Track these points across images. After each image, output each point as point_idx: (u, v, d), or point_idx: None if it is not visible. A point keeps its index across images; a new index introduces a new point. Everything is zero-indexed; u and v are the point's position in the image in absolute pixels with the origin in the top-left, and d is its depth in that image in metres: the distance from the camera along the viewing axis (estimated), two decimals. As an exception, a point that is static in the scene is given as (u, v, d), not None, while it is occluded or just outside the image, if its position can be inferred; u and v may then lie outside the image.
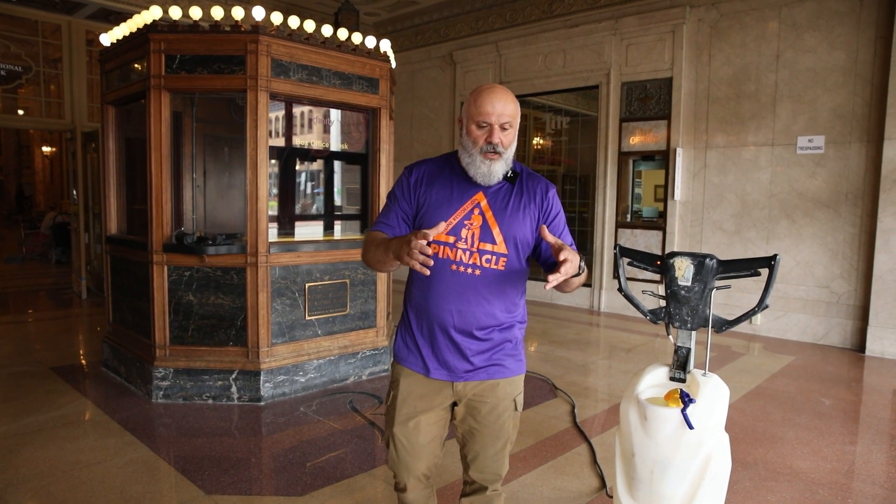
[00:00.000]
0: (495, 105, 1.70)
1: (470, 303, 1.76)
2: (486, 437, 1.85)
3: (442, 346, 1.79)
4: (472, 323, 1.77)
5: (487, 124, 1.71)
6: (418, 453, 1.85)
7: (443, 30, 9.52)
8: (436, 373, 1.81)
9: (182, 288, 4.13)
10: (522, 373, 1.91)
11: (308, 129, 6.99)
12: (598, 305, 7.80)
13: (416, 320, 1.85)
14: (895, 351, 5.63)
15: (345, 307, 4.58)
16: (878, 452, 3.57)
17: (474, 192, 1.78)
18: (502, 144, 1.72)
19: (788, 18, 6.23)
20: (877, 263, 5.70)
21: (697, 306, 1.86)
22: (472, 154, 1.74)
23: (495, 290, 1.77)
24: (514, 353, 1.86)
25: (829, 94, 6.03)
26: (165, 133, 4.03)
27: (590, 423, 3.95)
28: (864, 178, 5.87)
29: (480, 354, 1.80)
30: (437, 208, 1.77)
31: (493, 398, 1.83)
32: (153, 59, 3.93)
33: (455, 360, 1.79)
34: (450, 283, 1.75)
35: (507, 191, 1.80)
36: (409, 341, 1.86)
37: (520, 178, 1.82)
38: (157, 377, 4.11)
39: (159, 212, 4.07)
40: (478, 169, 1.74)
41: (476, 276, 1.75)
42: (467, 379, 1.81)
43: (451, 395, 1.84)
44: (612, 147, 7.56)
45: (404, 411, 1.84)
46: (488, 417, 1.83)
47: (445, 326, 1.78)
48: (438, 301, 1.77)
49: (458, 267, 1.75)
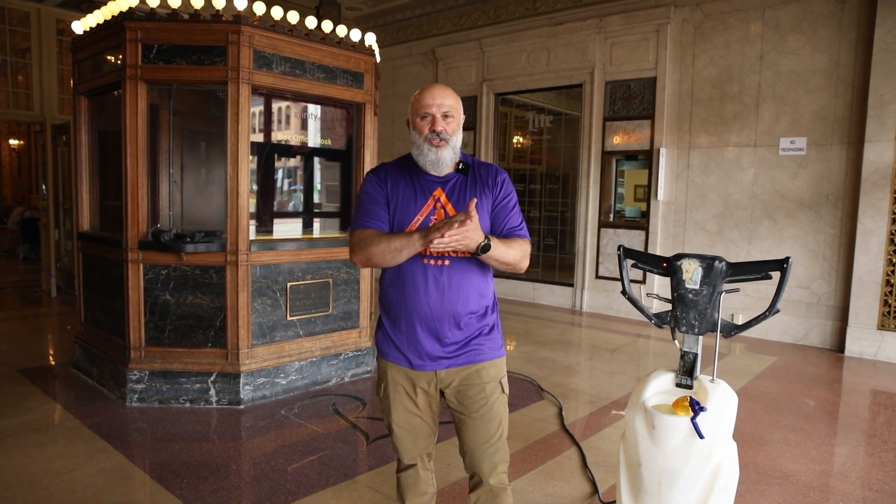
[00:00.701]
0: (434, 97, 1.84)
1: (443, 292, 1.84)
2: (479, 422, 1.93)
3: (421, 337, 1.87)
4: (448, 310, 1.85)
5: (429, 114, 1.83)
6: (418, 434, 1.98)
7: (425, 26, 9.42)
8: (418, 364, 1.90)
9: (158, 287, 3.97)
10: (503, 356, 1.99)
11: (289, 123, 6.83)
12: (580, 305, 7.77)
13: (394, 315, 1.92)
14: (873, 351, 5.69)
15: (327, 307, 4.47)
16: (863, 454, 3.57)
17: (434, 188, 1.89)
18: (446, 131, 1.83)
19: (772, 20, 6.26)
20: (856, 265, 5.75)
21: (705, 310, 1.80)
22: (419, 145, 1.85)
23: (465, 278, 1.87)
24: (491, 337, 1.95)
25: (812, 97, 6.07)
26: (142, 126, 3.87)
27: (577, 425, 3.90)
28: (844, 179, 5.92)
29: (458, 341, 1.88)
30: (405, 207, 1.87)
31: (478, 381, 1.91)
32: (129, 48, 3.77)
33: (434, 349, 1.88)
34: (423, 276, 1.84)
35: (462, 182, 1.90)
36: (389, 336, 1.95)
37: (472, 168, 1.93)
38: (131, 380, 3.95)
39: (135, 208, 3.91)
40: (426, 157, 1.84)
41: (446, 266, 1.84)
42: (449, 366, 1.89)
43: (437, 381, 1.92)
44: (595, 146, 7.53)
45: (397, 399, 1.95)
46: (478, 400, 1.91)
47: (422, 317, 1.86)
48: (414, 294, 1.85)
49: (429, 260, 1.84)
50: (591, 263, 7.67)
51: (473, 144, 8.75)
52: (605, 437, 3.70)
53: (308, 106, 5.41)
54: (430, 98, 1.83)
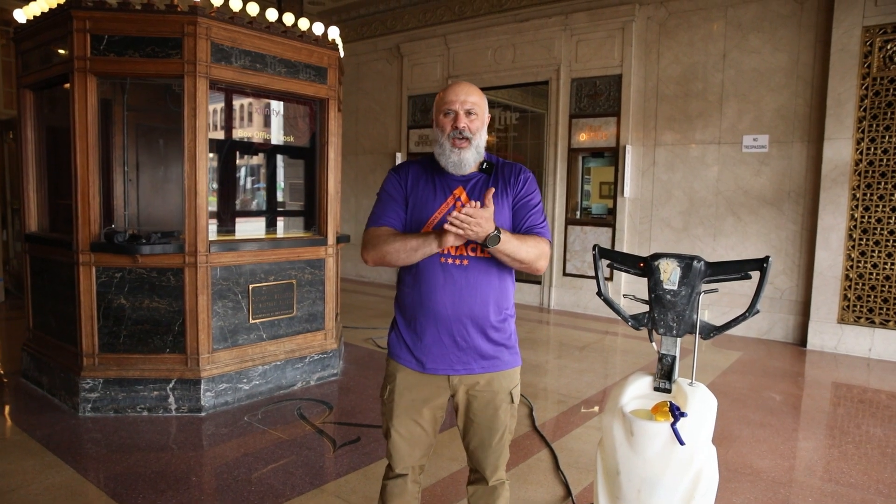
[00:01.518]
0: (458, 93, 1.80)
1: (462, 293, 1.79)
2: (484, 430, 1.90)
3: (436, 339, 1.82)
4: (465, 313, 1.80)
5: (452, 111, 1.80)
6: (417, 443, 1.91)
7: (389, 21, 9.29)
8: (431, 367, 1.84)
9: (112, 291, 3.78)
10: (518, 365, 1.95)
11: (250, 120, 6.64)
12: (547, 303, 7.77)
13: (410, 316, 1.87)
14: (833, 344, 5.81)
15: (291, 309, 4.33)
16: (830, 448, 3.62)
17: (454, 186, 1.84)
18: (469, 129, 1.78)
19: (734, 19, 6.33)
20: (817, 260, 5.86)
21: (684, 311, 1.76)
22: (442, 144, 1.81)
23: (484, 280, 1.81)
24: (509, 345, 1.90)
25: (773, 95, 6.16)
26: (92, 121, 3.68)
27: (548, 426, 3.85)
28: (805, 176, 6.03)
29: (475, 347, 1.83)
30: (423, 205, 1.84)
31: (488, 392, 1.87)
32: (76, 38, 3.56)
33: (449, 353, 1.82)
34: (440, 276, 1.79)
35: (484, 182, 1.85)
36: (402, 337, 1.89)
37: (496, 168, 1.88)
38: (84, 388, 3.75)
39: (85, 208, 3.71)
40: (448, 158, 1.80)
41: (465, 266, 1.79)
42: (463, 372, 1.84)
43: (448, 388, 1.87)
44: (561, 143, 7.53)
45: (402, 405, 1.88)
46: (485, 411, 1.88)
47: (439, 319, 1.80)
48: (431, 294, 1.80)
49: (447, 259, 1.79)
50: (558, 261, 7.67)
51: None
52: (577, 437, 3.67)
53: (271, 102, 5.25)
54: (454, 94, 1.80)
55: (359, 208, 9.80)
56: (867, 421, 4.11)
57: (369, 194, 9.62)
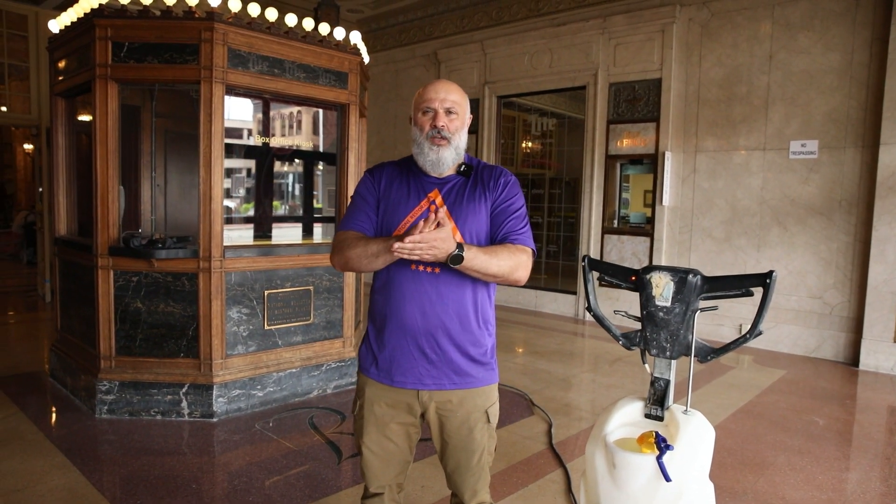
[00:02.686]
0: (438, 91, 1.71)
1: (433, 303, 1.69)
2: (460, 452, 1.79)
3: (405, 351, 1.72)
4: (437, 325, 1.69)
5: (431, 109, 1.70)
6: (390, 461, 1.81)
7: (427, 28, 9.25)
8: (399, 381, 1.74)
9: (129, 294, 3.81)
10: (494, 382, 1.83)
11: (282, 127, 6.70)
12: (583, 314, 7.52)
13: (379, 326, 1.78)
14: (890, 365, 5.39)
15: (308, 316, 4.28)
16: (875, 481, 3.30)
17: (430, 189, 1.75)
18: (448, 129, 1.69)
19: (782, 18, 6.00)
20: (871, 274, 5.46)
21: (678, 331, 1.58)
22: (419, 143, 1.72)
23: (459, 289, 1.70)
24: (483, 361, 1.78)
25: (824, 97, 5.79)
26: (112, 126, 3.72)
27: (568, 444, 3.66)
28: (858, 184, 5.63)
29: (448, 361, 1.72)
30: (395, 208, 1.75)
31: (462, 411, 1.76)
32: (99, 46, 3.62)
33: (418, 365, 1.72)
34: (411, 285, 1.69)
35: (461, 185, 1.76)
36: (371, 349, 1.80)
37: (475, 171, 1.78)
38: (101, 390, 3.79)
39: (105, 212, 3.76)
40: (426, 157, 1.71)
41: (437, 274, 1.68)
42: (433, 388, 1.73)
43: (418, 404, 1.76)
44: (598, 150, 7.29)
45: (372, 420, 1.79)
46: (459, 432, 1.77)
47: (408, 331, 1.71)
48: (401, 304, 1.70)
49: (419, 266, 1.68)
50: (594, 271, 7.40)
51: (476, 148, 8.55)
52: (595, 457, 3.46)
53: (297, 108, 5.26)
54: (434, 92, 1.71)
55: (395, 215, 9.76)
56: (921, 451, 3.75)
57: (405, 201, 9.57)
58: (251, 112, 6.04)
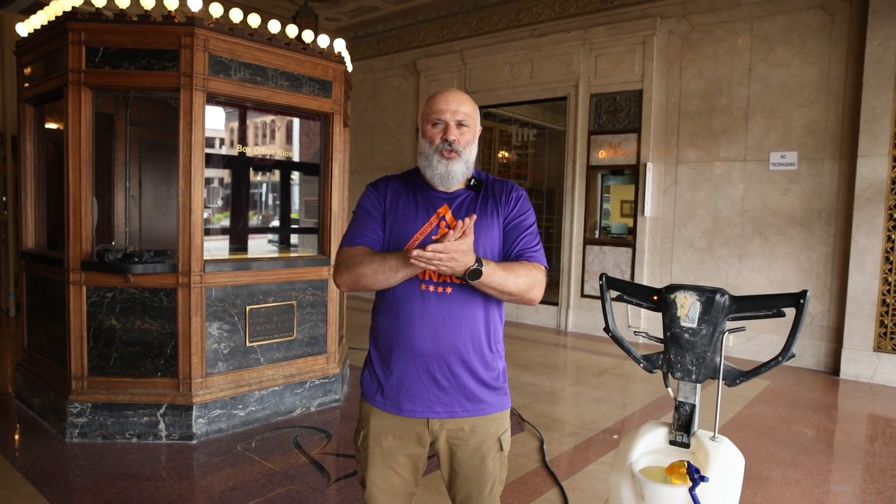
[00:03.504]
0: (449, 102, 1.62)
1: (445, 325, 1.58)
2: (471, 483, 1.70)
3: (414, 378, 1.61)
4: (449, 349, 1.59)
5: (442, 121, 1.62)
6: (395, 494, 1.71)
7: (406, 37, 9.19)
8: (408, 409, 1.63)
9: (103, 311, 3.63)
10: (507, 408, 1.74)
11: (256, 136, 6.54)
12: (565, 325, 7.48)
13: (385, 351, 1.66)
14: (869, 374, 5.44)
15: (291, 332, 4.14)
16: (872, 494, 3.29)
17: (439, 204, 1.66)
18: (459, 142, 1.61)
19: (760, 32, 6.07)
20: (851, 284, 5.52)
21: (705, 353, 1.52)
22: (428, 156, 1.63)
23: (471, 310, 1.61)
24: (496, 386, 1.69)
25: (802, 110, 5.86)
26: (86, 135, 3.55)
27: (561, 461, 3.58)
28: (837, 195, 5.71)
29: (460, 387, 1.62)
30: (403, 225, 1.65)
31: (474, 440, 1.66)
32: (72, 51, 3.45)
33: (429, 392, 1.61)
34: (421, 306, 1.59)
35: (471, 200, 1.67)
36: (376, 375, 1.69)
37: (485, 185, 1.70)
38: (72, 413, 3.59)
39: (77, 225, 3.58)
40: (435, 170, 1.62)
41: (448, 294, 1.59)
42: (444, 416, 1.63)
43: (427, 433, 1.66)
44: (580, 161, 7.28)
45: (377, 452, 1.68)
46: (471, 461, 1.67)
47: (418, 355, 1.60)
48: (409, 326, 1.59)
49: (428, 286, 1.58)
50: (576, 282, 7.39)
51: (455, 158, 8.48)
52: (591, 475, 3.39)
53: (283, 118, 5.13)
54: (444, 103, 1.62)
55: (373, 225, 9.64)
56: (910, 462, 3.76)
57: (384, 211, 9.45)
58: (223, 121, 5.88)
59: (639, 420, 4.37)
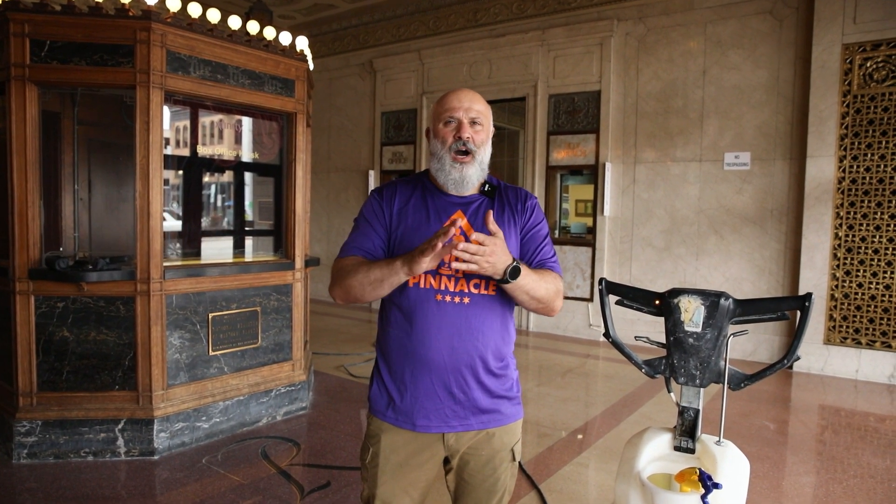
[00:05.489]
0: (462, 100, 1.56)
1: (462, 337, 1.52)
2: (481, 493, 1.65)
3: (430, 392, 1.55)
4: (466, 361, 1.53)
5: (454, 119, 1.56)
6: None
7: (362, 36, 9.06)
8: (422, 425, 1.56)
9: (54, 322, 3.41)
10: (520, 417, 1.70)
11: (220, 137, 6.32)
12: (526, 324, 7.52)
13: (397, 364, 1.59)
14: (820, 366, 5.67)
15: (256, 339, 4.00)
16: (832, 483, 3.40)
17: (452, 210, 1.59)
18: (473, 141, 1.55)
19: (713, 35, 6.24)
20: (802, 279, 5.73)
21: (709, 358, 1.51)
22: (441, 157, 1.57)
23: (489, 320, 1.56)
24: (510, 396, 1.65)
25: (754, 112, 6.05)
26: (31, 135, 3.33)
27: (537, 463, 3.58)
28: (788, 194, 5.92)
29: (475, 400, 1.57)
30: (414, 233, 1.57)
31: (488, 450, 1.62)
32: (14, 43, 3.23)
33: (444, 407, 1.55)
34: (437, 317, 1.52)
35: (487, 206, 1.60)
36: (387, 389, 1.61)
37: (499, 190, 1.65)
38: (19, 432, 3.36)
39: (23, 231, 3.35)
40: (448, 175, 1.56)
41: (465, 304, 1.53)
42: (460, 429, 1.57)
43: (443, 450, 1.61)
44: (539, 161, 7.33)
45: (388, 470, 1.60)
46: (483, 471, 1.63)
47: (434, 368, 1.53)
48: (425, 339, 1.52)
49: (444, 296, 1.52)
50: (537, 281, 7.43)
51: (413, 159, 8.42)
52: (566, 476, 3.39)
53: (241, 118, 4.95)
54: (457, 101, 1.56)
55: (331, 227, 9.48)
56: (866, 450, 3.91)
57: (342, 212, 9.31)
58: (168, 120, 5.63)
59: (605, 421, 4.41)
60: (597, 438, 4.00)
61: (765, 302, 1.51)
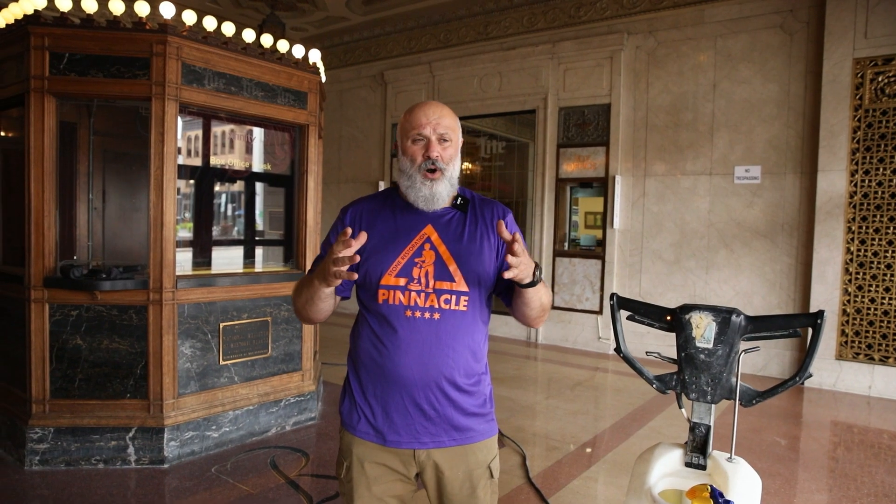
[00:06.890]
0: (429, 115, 1.53)
1: (433, 354, 1.51)
2: None
3: (399, 407, 1.54)
4: (437, 377, 1.52)
5: (423, 137, 1.53)
6: None
7: (374, 48, 9.14)
8: (392, 440, 1.56)
9: (68, 330, 3.45)
10: (495, 434, 1.67)
11: (227, 146, 6.38)
12: (535, 337, 7.50)
13: (367, 379, 1.58)
14: (832, 382, 5.61)
15: (266, 349, 4.02)
16: (846, 501, 3.36)
17: (422, 225, 1.57)
18: (442, 159, 1.53)
19: (724, 49, 6.25)
20: (813, 294, 5.69)
21: (720, 374, 1.51)
22: (411, 175, 1.55)
23: (459, 336, 1.54)
24: (482, 413, 1.63)
25: (765, 125, 6.05)
26: (49, 145, 3.38)
27: (546, 476, 3.56)
28: (799, 209, 5.89)
29: (445, 416, 1.55)
30: (382, 249, 1.55)
31: (463, 468, 1.59)
32: (34, 56, 3.29)
33: (415, 423, 1.55)
34: (407, 332, 1.51)
35: (459, 220, 1.59)
36: (358, 405, 1.60)
37: (472, 204, 1.63)
38: (32, 439, 3.39)
39: (39, 239, 3.39)
40: (418, 192, 1.54)
41: (436, 320, 1.52)
42: (431, 446, 1.56)
43: (414, 464, 1.59)
44: (549, 173, 7.35)
45: (363, 483, 1.59)
46: (461, 492, 1.60)
47: (404, 384, 1.52)
48: (395, 355, 1.52)
49: (414, 312, 1.51)
50: (546, 293, 7.42)
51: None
52: (575, 491, 3.38)
53: (253, 129, 5.00)
54: (424, 116, 1.53)
55: (340, 237, 9.51)
56: (880, 468, 3.86)
57: (351, 223, 9.34)
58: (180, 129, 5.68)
59: (614, 435, 4.39)
60: (606, 452, 3.98)
61: (776, 319, 1.51)
